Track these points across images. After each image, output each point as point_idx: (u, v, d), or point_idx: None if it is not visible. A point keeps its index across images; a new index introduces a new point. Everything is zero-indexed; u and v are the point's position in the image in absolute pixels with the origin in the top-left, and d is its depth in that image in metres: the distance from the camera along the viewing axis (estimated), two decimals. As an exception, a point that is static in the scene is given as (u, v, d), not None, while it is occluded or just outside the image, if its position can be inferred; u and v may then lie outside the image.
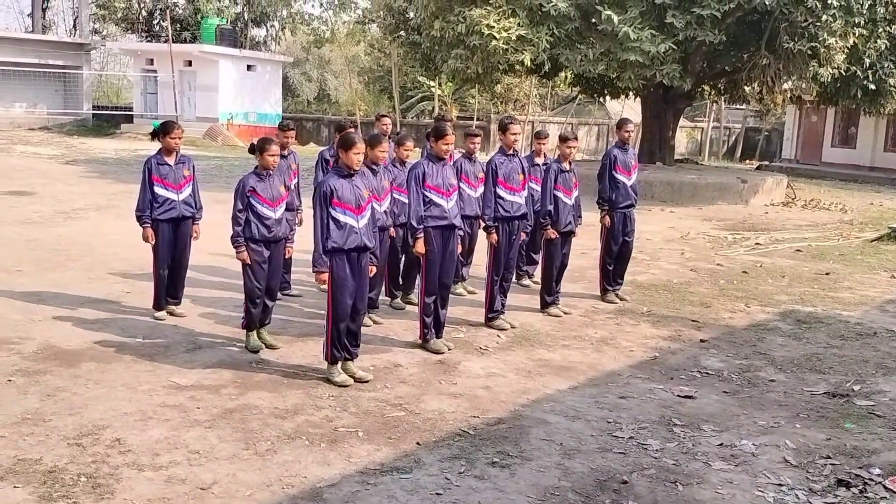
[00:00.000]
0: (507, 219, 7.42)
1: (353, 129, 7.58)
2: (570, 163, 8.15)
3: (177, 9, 38.45)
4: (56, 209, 13.27)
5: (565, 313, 8.18)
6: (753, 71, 18.06)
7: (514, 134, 7.40)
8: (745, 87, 21.10)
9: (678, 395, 6.02)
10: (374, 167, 6.75)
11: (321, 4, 34.45)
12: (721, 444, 5.17)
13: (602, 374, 6.44)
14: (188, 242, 7.43)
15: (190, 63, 31.71)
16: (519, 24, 16.86)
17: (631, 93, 22.01)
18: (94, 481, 4.27)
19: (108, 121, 32.22)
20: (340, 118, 31.20)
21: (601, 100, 30.81)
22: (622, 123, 8.88)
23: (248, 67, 33.36)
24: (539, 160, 8.87)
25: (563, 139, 8.14)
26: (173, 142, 7.23)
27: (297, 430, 5.05)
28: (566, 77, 24.09)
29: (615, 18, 16.00)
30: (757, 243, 13.20)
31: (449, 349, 6.82)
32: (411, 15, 21.71)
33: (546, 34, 17.03)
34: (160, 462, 4.52)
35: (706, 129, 36.64)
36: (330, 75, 42.10)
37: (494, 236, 7.36)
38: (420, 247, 6.74)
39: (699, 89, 22.17)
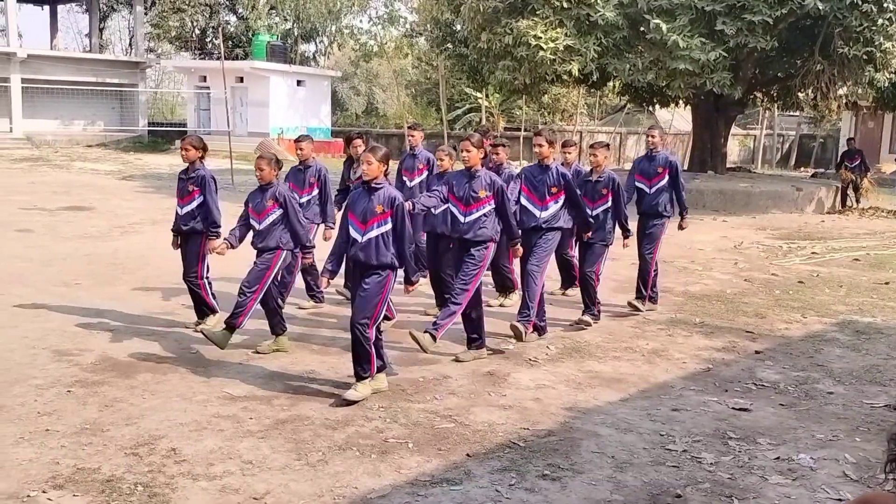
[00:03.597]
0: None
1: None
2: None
3: (228, 26, 39.25)
4: (113, 224, 13.59)
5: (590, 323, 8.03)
6: (807, 77, 17.74)
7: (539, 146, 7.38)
8: (799, 94, 20.71)
9: (733, 408, 5.91)
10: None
11: (370, 19, 34.85)
12: (778, 458, 5.06)
13: (654, 386, 6.36)
14: (194, 258, 7.32)
15: (242, 79, 32.31)
16: (566, 35, 16.83)
17: (681, 101, 21.79)
18: (151, 490, 4.35)
19: (162, 137, 32.95)
20: (355, 131, 31.39)
21: (650, 109, 30.53)
22: (648, 130, 8.95)
23: (298, 82, 33.87)
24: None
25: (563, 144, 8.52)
26: (180, 153, 7.43)
27: (347, 441, 5.08)
28: (614, 86, 23.95)
29: (664, 27, 15.88)
30: (813, 252, 12.92)
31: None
32: (458, 27, 21.84)
33: (594, 44, 16.97)
34: (214, 472, 4.59)
35: (759, 137, 36.04)
36: (378, 89, 42.48)
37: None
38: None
39: (751, 96, 21.84)
